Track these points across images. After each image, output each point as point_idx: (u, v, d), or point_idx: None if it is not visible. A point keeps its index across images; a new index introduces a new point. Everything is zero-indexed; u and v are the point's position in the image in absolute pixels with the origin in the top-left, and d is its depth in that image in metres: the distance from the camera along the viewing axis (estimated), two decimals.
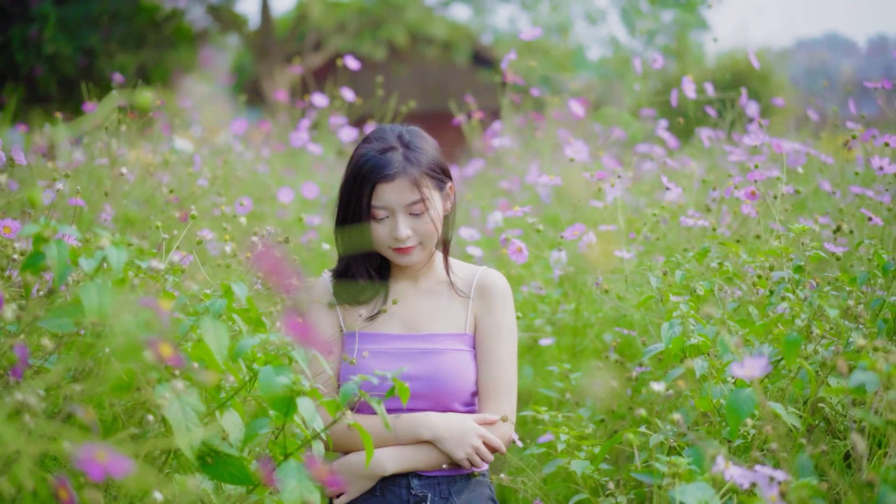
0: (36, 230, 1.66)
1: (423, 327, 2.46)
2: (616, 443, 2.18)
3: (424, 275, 2.51)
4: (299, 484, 1.73)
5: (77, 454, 1.09)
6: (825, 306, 1.95)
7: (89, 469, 1.08)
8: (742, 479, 1.64)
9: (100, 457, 1.09)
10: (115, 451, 1.09)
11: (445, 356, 2.41)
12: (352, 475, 2.35)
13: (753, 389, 1.89)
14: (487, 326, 2.45)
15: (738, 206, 3.30)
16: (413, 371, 2.37)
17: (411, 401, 2.35)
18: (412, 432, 2.35)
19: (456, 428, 2.35)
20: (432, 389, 2.38)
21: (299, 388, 1.73)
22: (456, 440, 2.34)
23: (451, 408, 2.41)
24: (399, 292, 2.49)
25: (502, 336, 2.45)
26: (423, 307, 2.48)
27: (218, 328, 1.77)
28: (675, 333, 2.10)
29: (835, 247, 2.69)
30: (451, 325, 2.46)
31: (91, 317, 1.64)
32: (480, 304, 2.47)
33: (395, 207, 2.36)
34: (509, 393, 2.44)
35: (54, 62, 9.42)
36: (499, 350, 2.44)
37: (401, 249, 2.39)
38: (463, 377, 2.41)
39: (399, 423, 2.35)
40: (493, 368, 2.43)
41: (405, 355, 2.41)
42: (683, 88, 4.01)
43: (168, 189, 3.57)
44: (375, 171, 2.34)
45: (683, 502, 1.70)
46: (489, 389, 2.42)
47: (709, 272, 2.59)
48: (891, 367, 1.47)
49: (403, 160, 2.36)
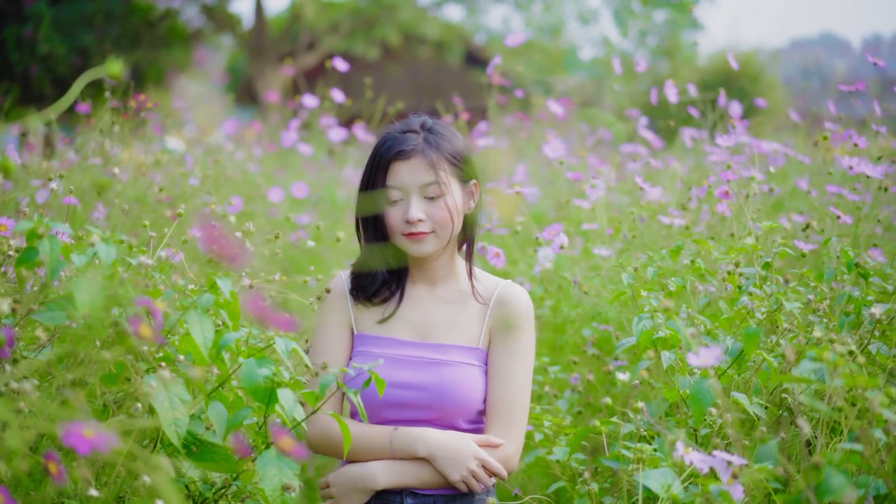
0: (30, 227, 1.75)
1: (434, 336, 2.35)
2: (589, 432, 2.27)
3: (444, 281, 2.41)
4: (279, 472, 1.81)
5: (65, 430, 1.17)
6: (782, 300, 2.03)
7: (77, 444, 1.16)
8: (701, 463, 1.73)
9: (87, 433, 1.18)
10: (100, 428, 1.17)
11: (454, 369, 2.30)
12: (347, 488, 2.27)
13: (717, 379, 1.98)
14: (502, 344, 2.33)
15: (715, 205, 3.38)
16: (418, 380, 2.29)
17: (413, 411, 2.28)
18: (408, 447, 2.25)
19: (453, 448, 2.24)
20: (436, 401, 2.28)
21: (280, 380, 1.82)
22: (452, 460, 2.23)
23: (455, 424, 2.30)
24: (415, 297, 2.39)
25: (519, 355, 2.32)
26: (438, 315, 2.37)
27: (204, 322, 1.85)
28: (644, 327, 2.18)
29: (805, 244, 2.78)
30: (464, 337, 2.34)
31: (83, 310, 1.72)
32: (498, 319, 2.35)
33: (409, 188, 2.28)
34: (519, 415, 2.31)
35: (49, 62, 9.45)
36: (512, 369, 2.31)
37: (413, 235, 2.29)
38: (470, 392, 2.29)
39: (396, 436, 2.26)
40: (503, 388, 2.30)
41: (412, 363, 2.31)
42: (665, 91, 4.09)
43: (159, 188, 3.65)
44: (392, 148, 2.29)
45: (647, 486, 1.79)
46: (497, 409, 2.29)
47: (682, 269, 2.68)
48: (837, 356, 1.56)
49: (423, 141, 2.30)
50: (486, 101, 5.45)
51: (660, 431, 2.03)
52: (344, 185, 5.79)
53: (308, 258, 4.27)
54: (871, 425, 1.64)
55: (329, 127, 5.67)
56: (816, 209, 3.54)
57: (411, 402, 2.28)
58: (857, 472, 1.66)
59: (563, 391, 3.08)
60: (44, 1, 9.46)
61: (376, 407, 2.29)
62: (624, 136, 5.25)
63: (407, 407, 2.29)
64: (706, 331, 2.28)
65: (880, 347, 2.11)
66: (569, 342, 3.34)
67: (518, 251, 3.59)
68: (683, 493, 1.75)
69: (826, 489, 1.52)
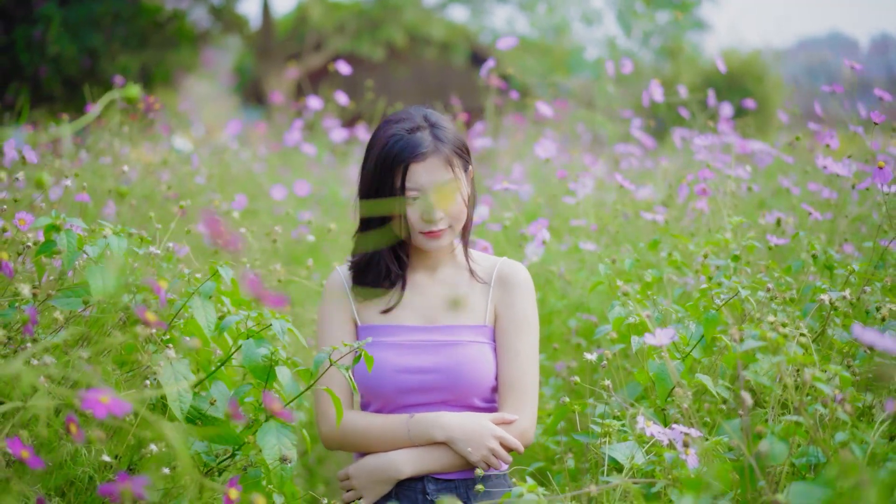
0: (48, 221, 1.92)
1: (440, 319, 2.36)
2: (565, 412, 2.43)
3: (443, 264, 2.41)
4: (278, 442, 1.98)
5: (83, 397, 1.34)
6: (738, 287, 2.19)
7: (94, 408, 1.32)
8: (661, 436, 1.89)
9: (103, 399, 1.34)
10: (115, 394, 1.34)
11: (464, 348, 2.31)
12: (369, 480, 2.28)
13: (679, 362, 2.14)
14: (507, 319, 2.34)
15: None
16: (430, 363, 2.29)
17: (429, 394, 2.30)
18: (425, 433, 2.26)
19: (471, 429, 2.24)
20: (450, 382, 2.29)
21: (277, 358, 1.98)
22: (470, 441, 2.23)
23: (470, 402, 2.32)
24: (416, 283, 2.40)
25: (522, 329, 2.34)
26: (441, 297, 2.37)
27: (206, 306, 2.03)
28: (617, 314, 2.34)
29: (777, 239, 2.94)
30: (469, 316, 2.35)
31: (96, 296, 1.90)
32: (501, 295, 2.36)
33: (427, 188, 2.27)
34: (530, 389, 2.32)
35: (58, 63, 9.55)
36: (519, 344, 2.32)
37: (432, 233, 2.30)
38: (482, 370, 2.30)
39: (413, 424, 2.27)
40: (512, 363, 2.31)
41: (422, 347, 2.31)
42: (651, 91, 4.24)
43: (167, 186, 3.82)
44: (407, 150, 2.25)
45: (613, 457, 1.96)
46: (509, 385, 2.31)
47: (660, 262, 2.84)
48: (778, 336, 1.72)
49: (433, 139, 2.28)
50: (484, 102, 5.61)
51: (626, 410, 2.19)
52: (346, 184, 5.97)
53: (309, 252, 4.43)
54: (813, 400, 1.80)
55: (332, 128, 5.84)
56: (795, 207, 3.69)
57: (428, 385, 2.29)
58: (800, 445, 1.82)
59: (549, 378, 3.24)
60: (53, 2, 9.61)
61: (392, 394, 2.30)
62: (617, 137, 5.41)
63: (423, 391, 2.30)
64: (677, 319, 2.44)
65: (836, 333, 2.26)
66: (556, 332, 3.50)
67: (508, 246, 3.75)
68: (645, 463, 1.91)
69: (768, 454, 1.68)
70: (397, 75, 17.13)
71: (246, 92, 18.25)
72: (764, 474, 1.72)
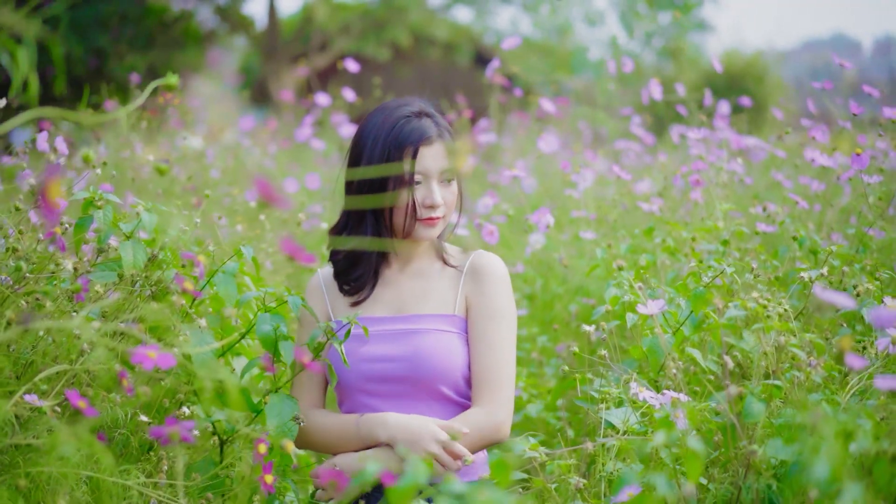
0: (87, 196, 2.09)
1: (408, 308, 2.33)
2: (566, 387, 2.59)
3: (418, 256, 2.39)
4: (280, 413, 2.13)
5: (133, 352, 1.50)
6: (724, 266, 2.35)
7: (143, 363, 1.49)
8: (652, 400, 2.05)
9: (150, 354, 1.50)
10: (161, 349, 1.50)
11: (427, 336, 2.27)
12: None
13: (671, 336, 2.31)
14: (479, 309, 2.29)
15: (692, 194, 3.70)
16: (394, 352, 2.26)
17: (393, 385, 2.27)
18: (371, 432, 2.22)
19: (412, 430, 2.17)
20: (413, 371, 2.25)
21: (280, 334, 2.14)
22: (410, 443, 2.16)
23: (441, 393, 2.26)
24: (388, 277, 2.38)
25: (494, 320, 2.28)
26: (411, 289, 2.36)
27: (228, 282, 2.20)
28: (613, 293, 2.50)
29: (767, 226, 3.10)
30: (438, 306, 2.32)
31: (128, 269, 2.07)
32: (473, 286, 2.32)
33: (431, 173, 2.27)
34: (505, 381, 2.25)
35: (66, 63, 9.70)
36: (491, 334, 2.27)
37: (430, 220, 2.29)
38: (446, 359, 2.25)
39: (361, 423, 2.24)
40: (485, 354, 2.25)
41: (386, 336, 2.28)
42: (650, 90, 4.40)
43: (187, 177, 3.99)
44: (416, 133, 2.25)
45: (609, 422, 2.12)
46: (482, 377, 2.25)
47: (654, 247, 3.01)
48: (758, 305, 1.88)
49: (436, 125, 2.29)
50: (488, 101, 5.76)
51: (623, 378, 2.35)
52: None
53: (320, 242, 4.59)
54: (790, 368, 1.96)
55: (340, 124, 6.00)
56: (787, 199, 3.85)
57: (390, 374, 2.26)
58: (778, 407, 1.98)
59: (550, 359, 3.41)
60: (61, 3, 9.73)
61: (357, 382, 2.28)
62: (617, 133, 5.57)
63: (386, 380, 2.27)
64: (669, 299, 2.60)
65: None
66: (557, 316, 3.66)
67: (512, 237, 3.92)
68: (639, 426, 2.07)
69: (747, 413, 1.84)
70: (402, 75, 17.27)
71: (251, 91, 18.41)
72: (746, 434, 1.89)
